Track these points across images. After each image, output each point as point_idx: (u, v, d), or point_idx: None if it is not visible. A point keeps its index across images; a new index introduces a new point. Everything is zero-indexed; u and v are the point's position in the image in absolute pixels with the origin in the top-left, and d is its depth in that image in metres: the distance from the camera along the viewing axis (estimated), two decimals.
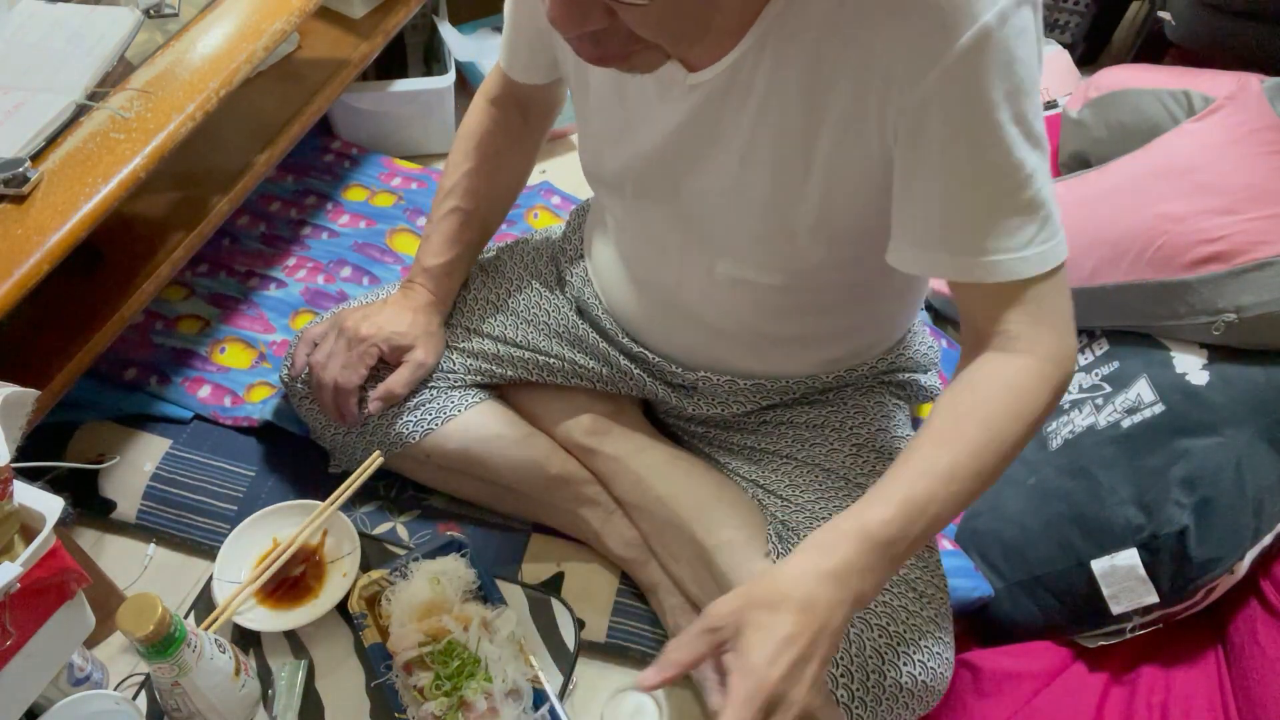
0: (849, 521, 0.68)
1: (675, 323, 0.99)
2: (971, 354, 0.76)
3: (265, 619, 1.02)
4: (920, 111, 0.66)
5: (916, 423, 1.14)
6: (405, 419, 1.05)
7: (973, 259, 0.70)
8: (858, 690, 0.81)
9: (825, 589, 0.64)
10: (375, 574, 1.01)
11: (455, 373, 1.10)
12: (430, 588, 0.97)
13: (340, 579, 1.05)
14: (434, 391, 1.08)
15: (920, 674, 0.82)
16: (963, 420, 0.71)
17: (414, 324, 1.04)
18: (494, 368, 1.09)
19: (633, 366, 1.05)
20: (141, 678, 1.00)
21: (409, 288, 1.07)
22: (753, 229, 0.82)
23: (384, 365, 1.05)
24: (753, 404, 1.02)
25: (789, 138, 0.74)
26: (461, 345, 1.10)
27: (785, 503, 0.95)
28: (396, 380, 1.02)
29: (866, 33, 0.66)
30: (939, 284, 1.37)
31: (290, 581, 1.05)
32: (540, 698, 0.94)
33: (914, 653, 0.83)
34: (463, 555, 1.02)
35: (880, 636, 0.83)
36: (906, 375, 1.05)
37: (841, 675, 0.81)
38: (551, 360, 1.08)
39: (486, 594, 1.01)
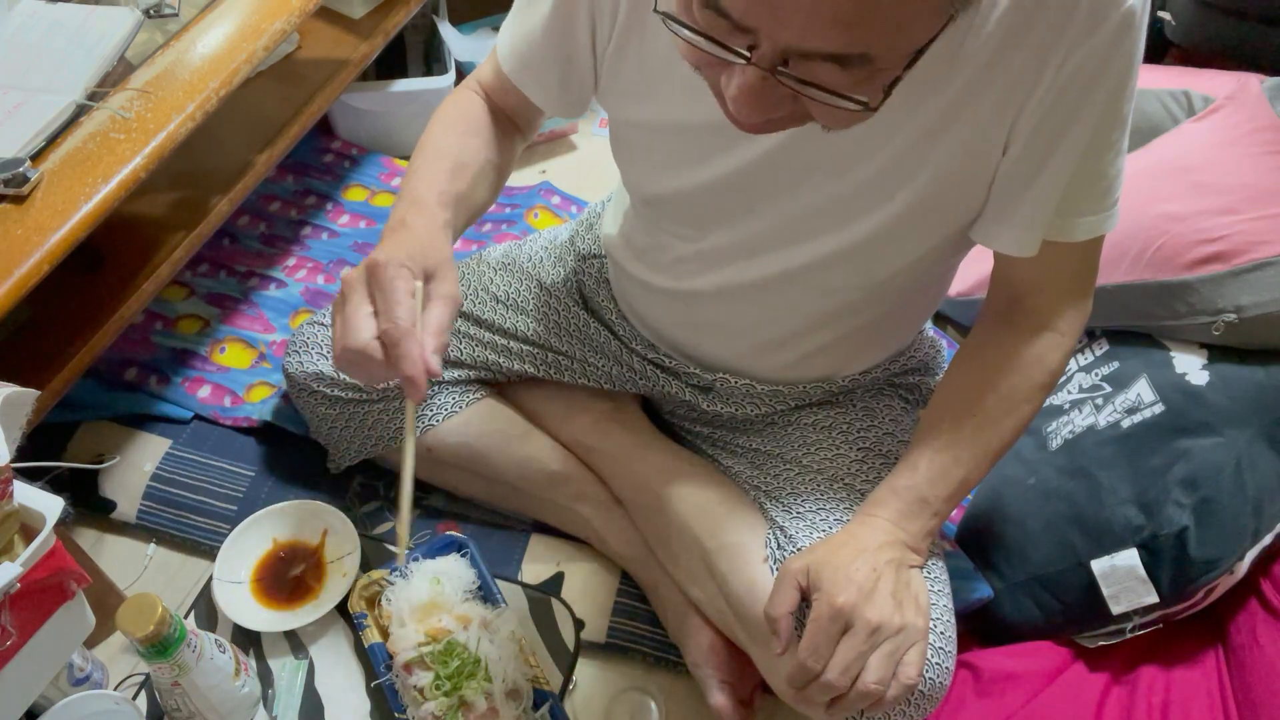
0: (883, 487, 0.84)
1: (707, 332, 0.98)
2: (998, 321, 0.84)
3: (265, 619, 1.02)
4: (1063, 92, 0.68)
5: None
6: None
7: (1070, 220, 0.76)
8: None
9: (873, 535, 0.80)
10: (375, 574, 1.01)
11: (461, 367, 1.10)
12: (430, 588, 0.97)
13: (340, 579, 1.05)
14: (435, 388, 1.08)
15: None
16: (987, 391, 0.83)
17: (431, 245, 0.77)
18: (502, 362, 1.09)
19: (646, 365, 1.05)
20: (141, 678, 1.00)
21: (399, 222, 0.80)
22: (837, 244, 0.81)
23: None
24: (768, 407, 1.02)
25: (897, 152, 0.73)
26: (469, 340, 1.10)
27: (786, 510, 0.95)
28: (438, 321, 0.73)
29: (1009, 42, 0.66)
30: None
31: (290, 581, 1.06)
32: (541, 697, 0.94)
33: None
34: (463, 555, 1.02)
35: None
36: (915, 378, 1.05)
37: None
38: (561, 358, 1.08)
39: (486, 594, 1.01)
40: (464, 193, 0.85)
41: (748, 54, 0.52)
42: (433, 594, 0.96)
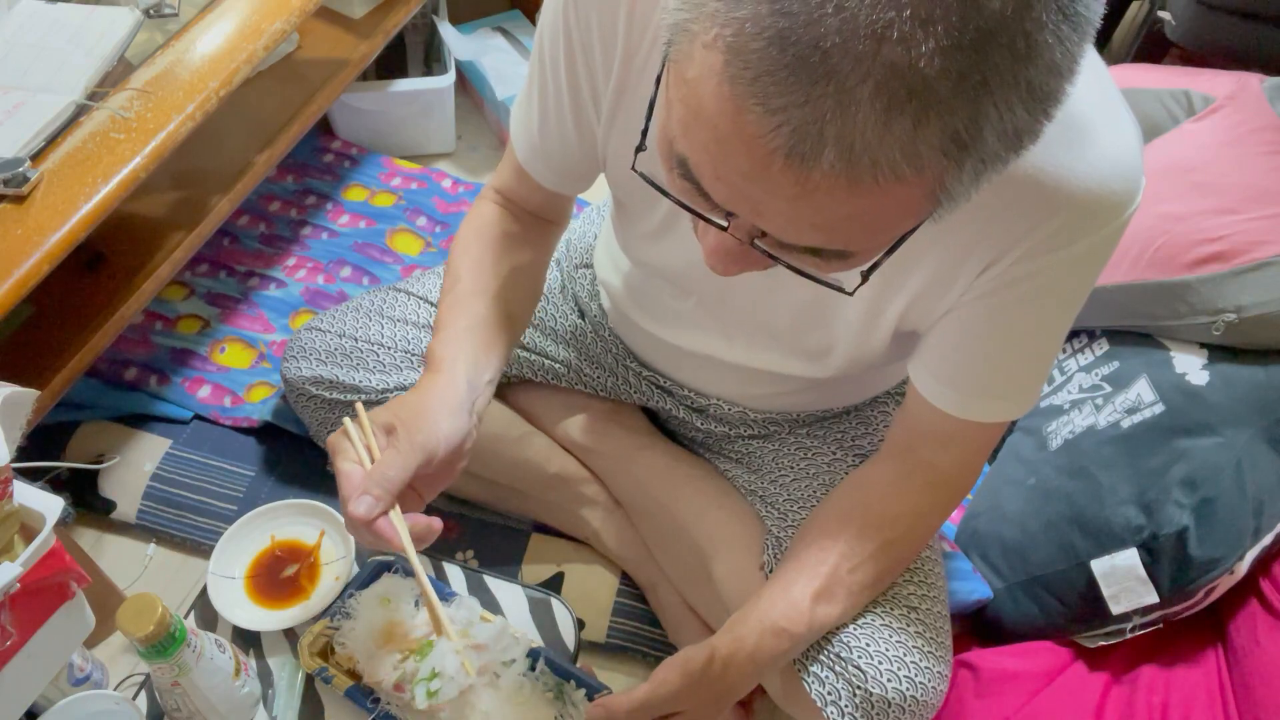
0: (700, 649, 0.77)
1: (694, 363, 0.98)
2: (888, 464, 0.83)
3: (255, 617, 1.02)
4: (1018, 282, 0.66)
5: None
6: None
7: (984, 402, 0.75)
8: (846, 706, 0.80)
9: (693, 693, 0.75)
10: (315, 627, 0.99)
11: None
12: (383, 609, 0.96)
13: (333, 582, 1.05)
14: None
15: (909, 689, 0.80)
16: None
17: (421, 417, 0.75)
18: None
19: (641, 381, 1.05)
20: (141, 678, 1.00)
21: (416, 384, 0.80)
22: (804, 343, 0.82)
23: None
24: (761, 430, 1.02)
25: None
26: None
27: (781, 516, 0.94)
28: (382, 464, 0.71)
29: (989, 203, 0.62)
30: None
31: (283, 581, 1.06)
32: (533, 655, 0.94)
33: (901, 669, 0.80)
34: (394, 572, 1.01)
35: (869, 645, 0.81)
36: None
37: (829, 693, 0.80)
38: (557, 365, 1.08)
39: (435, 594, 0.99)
40: (489, 340, 0.83)
41: (724, 224, 0.51)
42: (388, 615, 0.96)
